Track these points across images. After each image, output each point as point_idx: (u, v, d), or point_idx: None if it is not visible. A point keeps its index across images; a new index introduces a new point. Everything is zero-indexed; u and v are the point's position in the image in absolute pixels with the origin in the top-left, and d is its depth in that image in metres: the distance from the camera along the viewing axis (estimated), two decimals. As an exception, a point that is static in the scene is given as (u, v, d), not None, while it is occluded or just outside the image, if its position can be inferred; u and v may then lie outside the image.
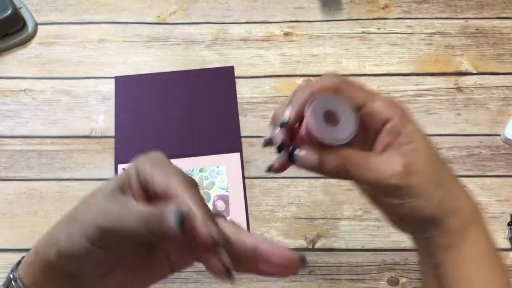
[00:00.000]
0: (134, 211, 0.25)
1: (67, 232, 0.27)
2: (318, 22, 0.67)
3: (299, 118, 0.29)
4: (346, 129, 0.29)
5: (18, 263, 0.30)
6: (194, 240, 0.24)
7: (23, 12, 0.66)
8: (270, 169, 0.32)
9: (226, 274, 0.25)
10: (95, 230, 0.25)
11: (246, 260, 0.28)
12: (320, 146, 0.29)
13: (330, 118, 0.29)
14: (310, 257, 0.53)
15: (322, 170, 0.29)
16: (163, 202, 0.26)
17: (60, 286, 0.29)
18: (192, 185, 0.27)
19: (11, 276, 0.29)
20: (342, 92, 0.30)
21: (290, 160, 0.29)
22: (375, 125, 0.30)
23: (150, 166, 0.29)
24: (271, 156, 0.61)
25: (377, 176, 0.29)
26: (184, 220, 0.24)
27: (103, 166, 0.58)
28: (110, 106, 0.61)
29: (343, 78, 0.31)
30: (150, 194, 0.28)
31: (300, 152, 0.29)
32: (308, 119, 0.28)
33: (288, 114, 0.29)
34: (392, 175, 0.29)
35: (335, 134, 0.28)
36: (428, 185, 0.29)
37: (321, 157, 0.29)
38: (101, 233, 0.25)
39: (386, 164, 0.29)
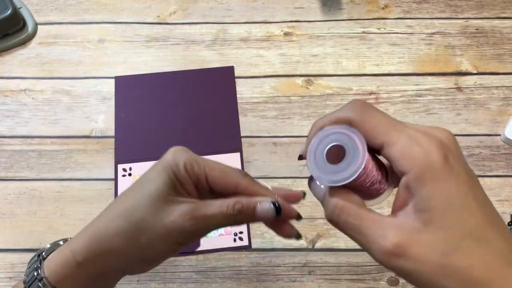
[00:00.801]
0: (215, 212, 0.31)
1: (146, 244, 0.30)
2: (318, 22, 0.67)
3: None
4: (349, 168, 0.25)
5: (38, 261, 0.32)
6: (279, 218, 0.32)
7: (23, 12, 0.66)
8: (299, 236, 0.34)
9: (297, 236, 0.33)
10: (184, 233, 0.30)
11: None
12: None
13: (339, 153, 0.25)
14: (310, 257, 0.53)
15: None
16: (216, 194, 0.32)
17: (102, 284, 0.32)
18: (248, 175, 0.33)
19: (35, 274, 0.31)
20: (359, 125, 0.26)
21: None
22: (396, 172, 0.25)
23: (196, 164, 0.33)
24: (271, 156, 0.62)
25: (365, 245, 0.24)
26: (279, 207, 0.31)
27: (103, 166, 0.58)
28: (110, 106, 0.61)
29: (364, 107, 0.27)
30: (199, 189, 0.32)
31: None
32: (306, 155, 0.26)
33: (303, 149, 0.28)
34: (379, 250, 0.24)
35: (334, 173, 0.25)
36: (431, 275, 0.22)
37: (324, 198, 0.27)
38: (189, 235, 0.31)
39: (378, 235, 0.24)
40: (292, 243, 0.54)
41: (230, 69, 0.64)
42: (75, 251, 0.31)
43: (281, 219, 0.32)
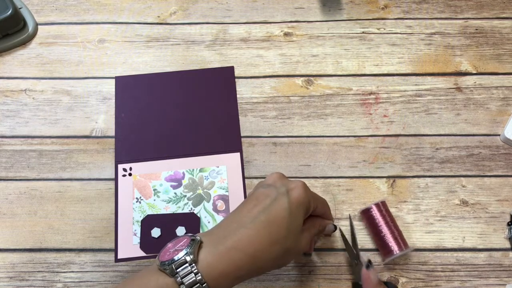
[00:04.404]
0: (313, 233, 0.47)
1: (286, 262, 0.44)
2: (318, 22, 0.67)
3: None
4: None
5: (190, 264, 0.38)
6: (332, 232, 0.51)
7: (24, 12, 0.66)
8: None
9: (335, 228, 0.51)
10: (303, 252, 0.46)
11: None
12: None
13: None
14: (310, 257, 0.53)
15: None
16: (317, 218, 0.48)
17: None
18: (328, 205, 0.50)
19: (196, 278, 0.37)
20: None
21: None
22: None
23: (313, 200, 0.45)
24: (271, 156, 0.62)
25: None
26: (336, 227, 0.51)
27: (103, 166, 0.58)
28: (110, 106, 0.61)
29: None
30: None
31: None
32: None
33: None
34: None
35: None
36: None
37: None
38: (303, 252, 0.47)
39: None
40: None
41: (230, 69, 0.64)
42: (240, 267, 0.39)
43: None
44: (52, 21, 0.67)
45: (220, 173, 0.58)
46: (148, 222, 0.55)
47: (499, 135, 0.60)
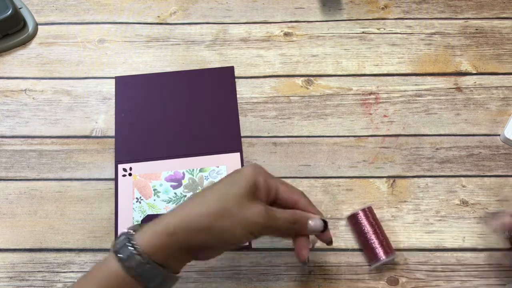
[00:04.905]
0: (281, 216, 0.41)
1: (229, 226, 0.38)
2: (318, 22, 0.67)
3: None
4: None
5: (127, 238, 0.37)
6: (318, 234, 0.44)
7: (24, 12, 0.66)
8: None
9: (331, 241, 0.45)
10: (258, 226, 0.39)
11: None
12: None
13: None
14: (310, 257, 0.53)
15: None
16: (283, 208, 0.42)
17: (183, 257, 0.40)
18: (306, 196, 0.44)
19: (131, 248, 0.36)
20: None
21: None
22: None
23: (271, 179, 0.42)
24: (271, 156, 0.62)
25: None
26: (326, 224, 0.43)
27: (103, 166, 0.58)
28: (110, 106, 0.61)
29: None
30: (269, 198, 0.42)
31: None
32: None
33: None
34: None
35: None
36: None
37: None
38: (261, 229, 0.39)
39: None
40: (292, 242, 0.54)
41: (230, 69, 0.64)
42: (167, 225, 0.38)
43: (321, 235, 0.44)
44: (52, 21, 0.67)
45: (220, 173, 0.58)
46: (148, 222, 0.55)
47: (499, 135, 0.60)
